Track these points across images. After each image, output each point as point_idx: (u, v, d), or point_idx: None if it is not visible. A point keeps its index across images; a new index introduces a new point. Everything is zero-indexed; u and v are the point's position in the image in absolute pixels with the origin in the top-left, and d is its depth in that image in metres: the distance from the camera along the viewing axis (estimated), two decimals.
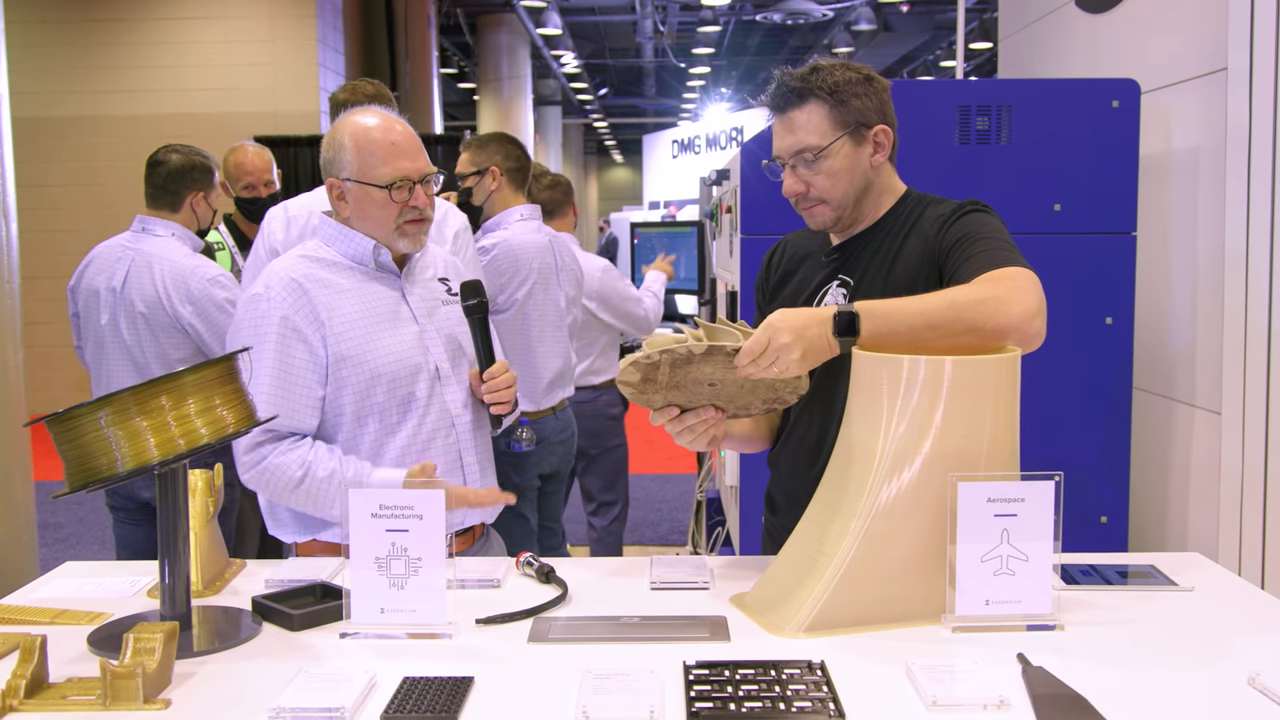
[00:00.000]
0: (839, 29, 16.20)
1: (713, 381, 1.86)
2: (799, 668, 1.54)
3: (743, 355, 1.73)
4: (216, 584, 2.00)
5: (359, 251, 2.22)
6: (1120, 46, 3.38)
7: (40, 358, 3.63)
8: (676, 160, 16.55)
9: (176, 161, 3.51)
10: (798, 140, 2.02)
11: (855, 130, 2.01)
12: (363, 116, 2.21)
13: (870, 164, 2.04)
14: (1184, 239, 3.05)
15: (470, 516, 2.29)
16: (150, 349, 3.39)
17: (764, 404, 1.93)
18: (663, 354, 1.80)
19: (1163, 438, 3.14)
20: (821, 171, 2.02)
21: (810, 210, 2.07)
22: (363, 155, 2.17)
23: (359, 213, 2.21)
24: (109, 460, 1.60)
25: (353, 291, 2.19)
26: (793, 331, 1.72)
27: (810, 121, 2.01)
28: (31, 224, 6.04)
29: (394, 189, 2.16)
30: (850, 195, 2.04)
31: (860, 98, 2.01)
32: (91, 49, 10.17)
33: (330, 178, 2.22)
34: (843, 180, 2.02)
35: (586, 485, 4.59)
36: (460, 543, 2.30)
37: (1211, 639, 1.70)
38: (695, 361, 1.80)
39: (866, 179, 2.04)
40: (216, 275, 3.41)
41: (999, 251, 1.87)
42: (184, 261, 3.40)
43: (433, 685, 1.50)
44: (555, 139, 23.90)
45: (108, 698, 1.45)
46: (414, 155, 2.19)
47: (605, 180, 39.09)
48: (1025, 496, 1.67)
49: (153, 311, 3.36)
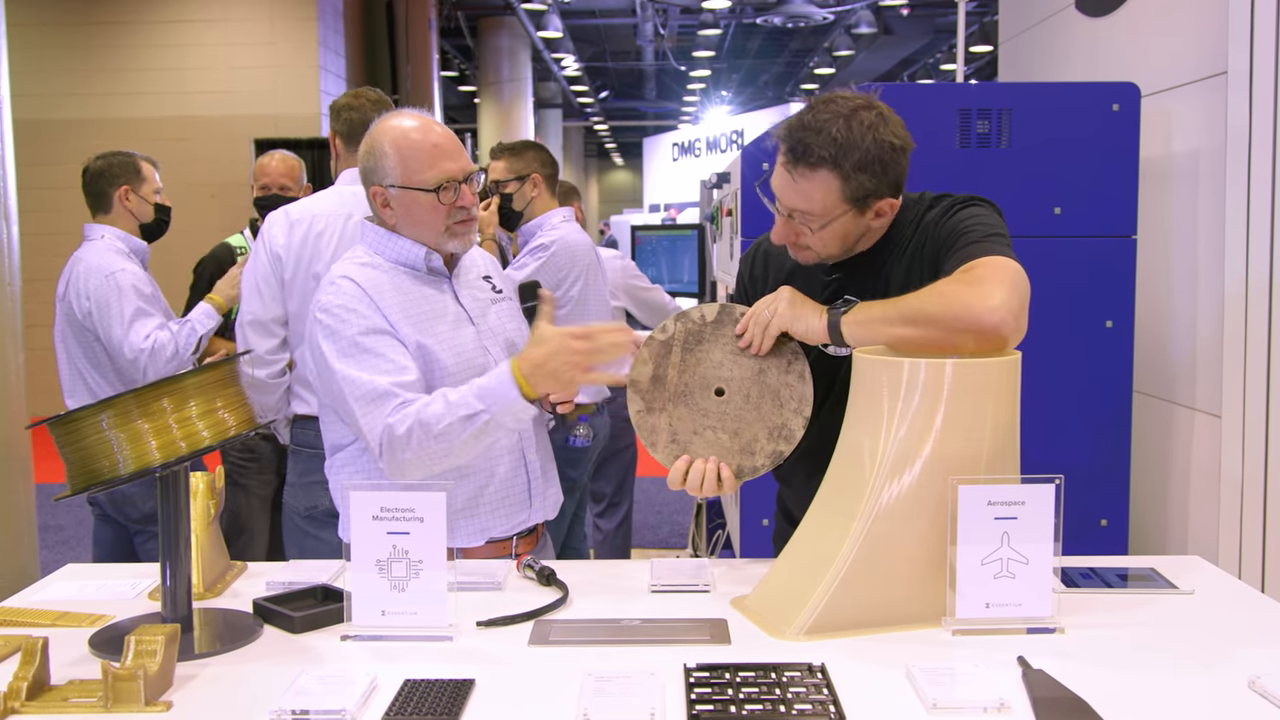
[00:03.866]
0: (839, 32, 16.21)
1: (722, 383, 1.88)
2: (799, 670, 1.54)
3: (747, 315, 1.88)
4: (218, 586, 2.00)
5: (410, 257, 2.17)
6: (1120, 50, 3.38)
7: (42, 360, 3.62)
8: (677, 163, 16.56)
9: (97, 164, 3.57)
10: (799, 204, 1.92)
11: (860, 203, 1.90)
12: (399, 120, 2.17)
13: (869, 225, 1.96)
14: (1184, 242, 3.05)
15: (534, 516, 2.25)
16: (80, 358, 3.42)
17: (769, 435, 1.92)
18: (677, 322, 1.87)
19: (1163, 441, 3.14)
20: (817, 234, 1.94)
21: (798, 253, 2.00)
22: (406, 160, 2.12)
23: (407, 218, 2.16)
24: (111, 463, 1.60)
25: (410, 295, 2.14)
26: (791, 295, 1.89)
27: (816, 192, 1.88)
28: (33, 226, 6.03)
29: (441, 191, 2.12)
30: (841, 251, 1.98)
31: (878, 177, 1.87)
32: (93, 52, 10.19)
33: (374, 186, 2.17)
34: (836, 243, 1.96)
35: (597, 486, 4.62)
36: (524, 544, 2.26)
37: (1212, 642, 1.70)
38: (707, 340, 1.88)
39: (862, 234, 1.97)
40: (114, 271, 3.39)
41: (980, 244, 1.83)
42: (95, 260, 3.41)
43: (434, 688, 1.50)
44: (556, 142, 23.89)
45: (109, 700, 1.45)
46: (456, 155, 2.16)
47: (606, 183, 39.09)
48: (1026, 499, 1.67)
49: (83, 318, 3.39)
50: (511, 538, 2.22)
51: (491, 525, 2.18)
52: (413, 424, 1.95)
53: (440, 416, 1.95)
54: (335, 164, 3.27)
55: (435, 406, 1.96)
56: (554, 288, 3.61)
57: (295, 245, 2.96)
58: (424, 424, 1.95)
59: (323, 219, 2.99)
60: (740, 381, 1.90)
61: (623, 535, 4.72)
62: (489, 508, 2.17)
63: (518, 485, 2.21)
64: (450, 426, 1.94)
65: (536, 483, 2.25)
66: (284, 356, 3.08)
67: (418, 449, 1.96)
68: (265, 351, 3.03)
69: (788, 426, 1.91)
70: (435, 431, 1.95)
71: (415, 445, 1.96)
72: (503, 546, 2.21)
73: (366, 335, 2.05)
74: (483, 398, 1.95)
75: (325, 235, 2.97)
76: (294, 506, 2.99)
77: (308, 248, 2.96)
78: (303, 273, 2.95)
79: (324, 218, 2.99)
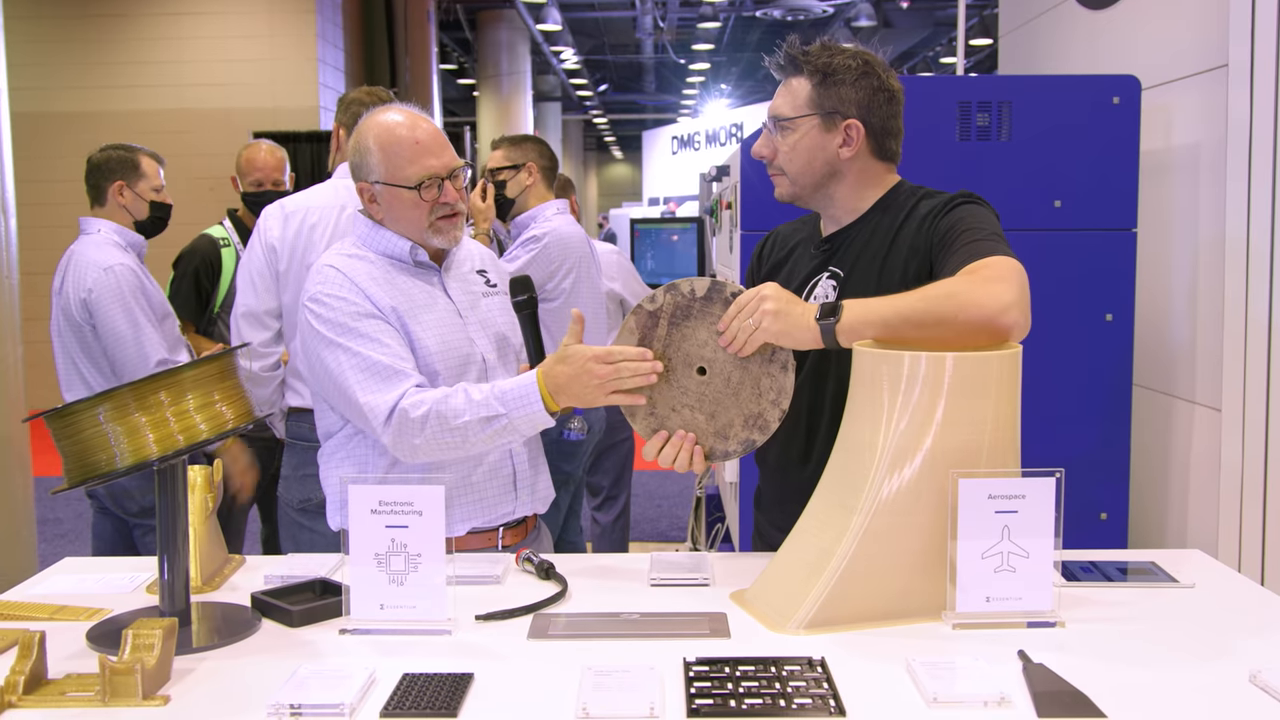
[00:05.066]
0: (839, 25, 16.18)
1: (705, 363, 1.88)
2: (799, 664, 1.54)
3: (731, 309, 1.86)
4: (215, 580, 2.00)
5: (395, 250, 2.19)
6: (1121, 42, 3.38)
7: (40, 353, 3.62)
8: (676, 156, 16.57)
9: (97, 158, 3.55)
10: (776, 105, 2.06)
11: (828, 115, 2.01)
12: (385, 115, 2.18)
13: (837, 154, 2.03)
14: (1184, 235, 3.05)
15: (520, 508, 2.26)
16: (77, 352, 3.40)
17: (744, 423, 1.92)
18: (666, 294, 1.90)
19: (1163, 434, 3.14)
20: (786, 142, 2.04)
21: (774, 178, 2.11)
22: (389, 157, 2.13)
23: (391, 213, 2.18)
24: (108, 456, 1.59)
25: (397, 286, 2.16)
26: (778, 298, 1.84)
27: (790, 92, 2.04)
28: (31, 219, 6.04)
29: (423, 188, 2.13)
30: (808, 176, 2.05)
31: (846, 86, 2.01)
32: (91, 44, 10.17)
33: (360, 181, 2.19)
34: (800, 158, 2.04)
35: (595, 480, 4.62)
36: (512, 536, 2.26)
37: (1212, 636, 1.69)
38: (695, 316, 1.89)
39: (831, 167, 2.04)
40: (111, 265, 3.36)
41: (983, 243, 1.86)
42: (91, 254, 3.38)
43: (432, 682, 1.50)
44: (555, 135, 23.87)
45: (106, 694, 1.45)
46: (439, 151, 2.16)
47: (605, 176, 39.08)
48: (1026, 493, 1.66)
49: (78, 312, 3.38)
50: (497, 528, 2.22)
51: (474, 515, 2.18)
52: (429, 412, 1.98)
53: (460, 411, 1.98)
54: (334, 156, 3.26)
55: (456, 401, 1.99)
56: (546, 280, 3.61)
57: (290, 238, 2.96)
58: (442, 415, 1.98)
59: (317, 211, 2.99)
60: (722, 364, 1.91)
61: (621, 529, 4.72)
62: (472, 498, 2.18)
63: (502, 476, 2.22)
64: (469, 424, 1.98)
65: (523, 475, 2.25)
66: (278, 349, 3.08)
67: (432, 437, 1.99)
68: (259, 344, 3.03)
69: (764, 417, 1.91)
70: (453, 425, 1.98)
71: (430, 433, 1.99)
72: (488, 537, 2.21)
73: (359, 319, 2.07)
74: (505, 402, 1.97)
75: (319, 228, 2.97)
76: (289, 500, 2.99)
77: (302, 240, 2.96)
78: (297, 265, 2.95)
79: (318, 210, 3.00)
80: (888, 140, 2.06)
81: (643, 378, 1.90)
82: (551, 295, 3.64)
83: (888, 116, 2.04)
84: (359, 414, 2.05)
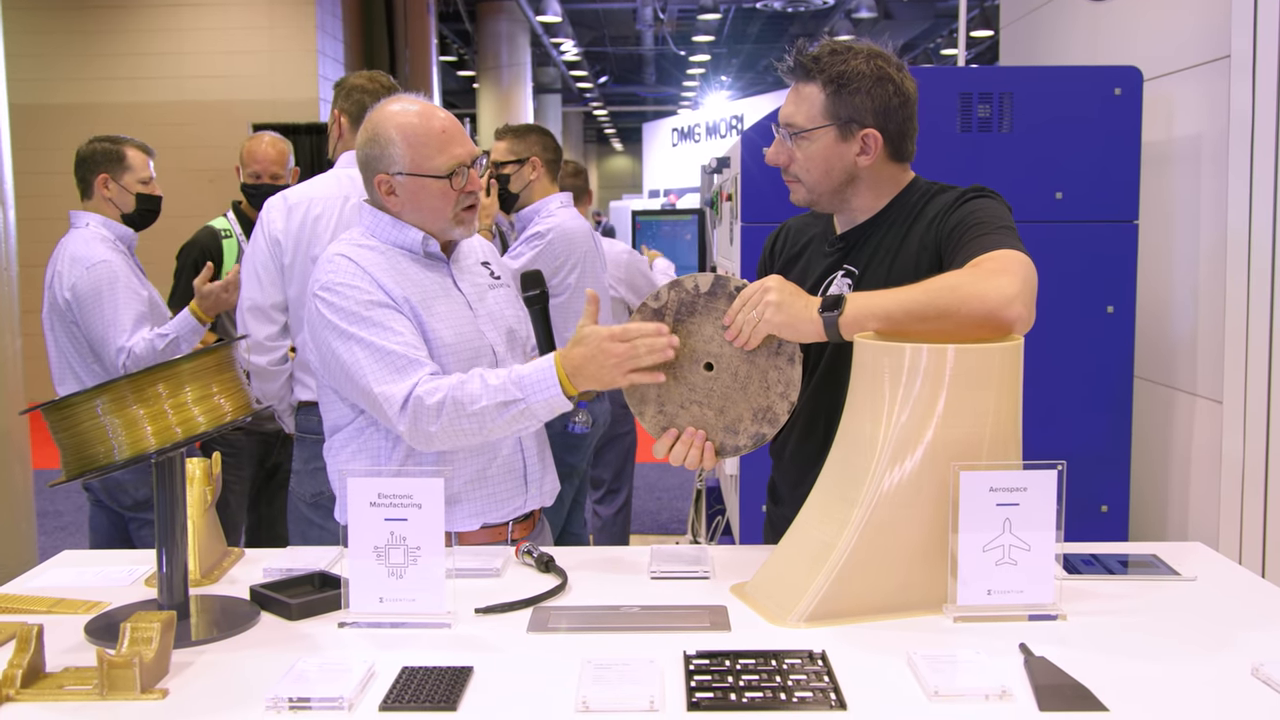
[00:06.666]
0: (839, 16, 16.14)
1: (711, 359, 1.87)
2: (800, 657, 1.53)
3: (736, 302, 1.85)
4: (214, 573, 1.99)
5: (407, 241, 2.17)
6: (1122, 33, 3.36)
7: (39, 345, 3.61)
8: (676, 148, 16.55)
9: (83, 151, 3.53)
10: (789, 114, 2.03)
11: (844, 125, 1.99)
12: (401, 105, 2.15)
13: (855, 162, 2.01)
14: (1186, 227, 3.04)
15: (530, 502, 2.25)
16: (67, 345, 3.40)
17: (753, 416, 1.92)
18: (671, 290, 1.88)
19: (1164, 427, 3.13)
20: (801, 152, 2.02)
21: (790, 184, 2.08)
22: (415, 147, 2.11)
23: (413, 204, 2.15)
24: (106, 449, 1.59)
25: (408, 275, 2.14)
26: (781, 290, 1.83)
27: (804, 101, 2.00)
28: (30, 211, 6.02)
29: (454, 177, 2.12)
30: (825, 184, 2.03)
31: (861, 94, 1.97)
32: (90, 36, 10.15)
33: (378, 174, 2.15)
34: (817, 168, 2.02)
35: (597, 472, 4.62)
36: (521, 530, 2.26)
37: (1214, 629, 1.69)
38: (699, 312, 1.88)
39: (849, 174, 2.02)
40: (95, 263, 3.35)
41: (991, 236, 1.85)
42: (77, 250, 3.38)
43: (432, 675, 1.49)
44: (555, 127, 23.83)
45: (105, 687, 1.44)
46: (463, 140, 2.15)
47: (605, 168, 39.03)
48: (1027, 486, 1.66)
49: (65, 308, 3.37)
50: (508, 523, 2.22)
51: (487, 510, 2.17)
52: (445, 398, 1.97)
53: (476, 397, 1.96)
54: (336, 144, 3.21)
55: (472, 386, 1.97)
56: (551, 275, 3.59)
57: (294, 230, 2.95)
58: (458, 401, 1.96)
59: (320, 203, 2.97)
60: (729, 359, 1.90)
61: (622, 521, 4.73)
62: (485, 493, 2.16)
63: (514, 471, 2.21)
64: (485, 409, 1.96)
65: (533, 469, 2.24)
66: (285, 343, 3.06)
67: (449, 424, 1.97)
68: (265, 338, 3.02)
69: (773, 410, 1.91)
70: (470, 411, 1.96)
71: (446, 420, 1.97)
72: (498, 532, 2.21)
73: (371, 308, 2.05)
74: (522, 387, 1.95)
75: (323, 219, 2.95)
76: (299, 493, 2.97)
77: (306, 231, 2.94)
78: (301, 257, 2.94)
79: (322, 201, 2.97)
80: (904, 142, 2.04)
81: (660, 354, 1.88)
82: (556, 291, 3.63)
83: (904, 120, 2.02)
84: (373, 404, 2.03)
